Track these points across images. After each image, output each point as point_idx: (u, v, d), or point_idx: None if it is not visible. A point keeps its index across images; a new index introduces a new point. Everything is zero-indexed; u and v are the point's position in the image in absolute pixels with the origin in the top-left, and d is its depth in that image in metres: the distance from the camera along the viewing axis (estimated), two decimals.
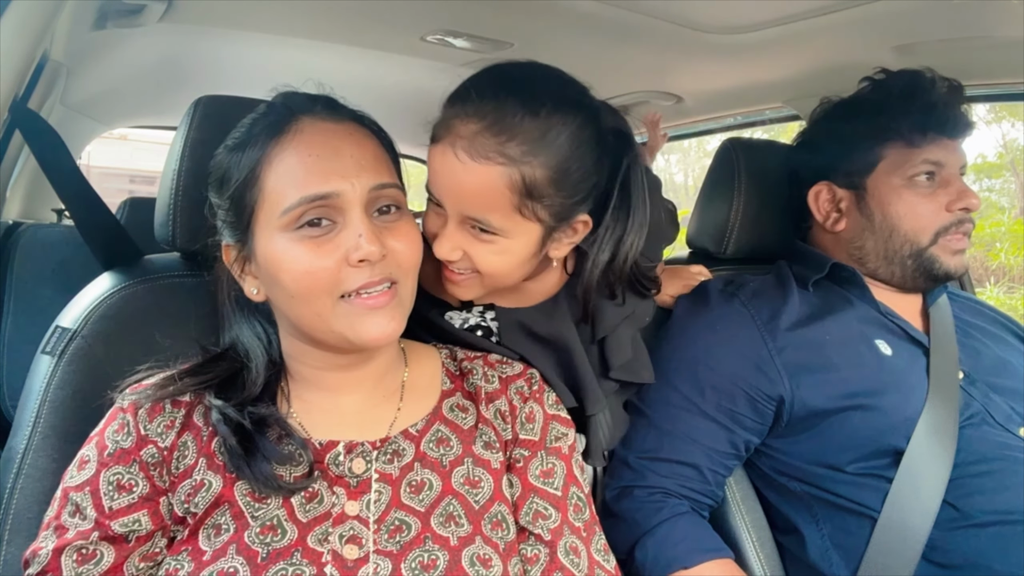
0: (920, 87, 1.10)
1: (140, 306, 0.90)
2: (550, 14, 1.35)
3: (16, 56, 0.88)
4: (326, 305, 0.70)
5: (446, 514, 0.73)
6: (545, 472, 0.80)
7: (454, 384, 0.84)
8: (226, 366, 0.78)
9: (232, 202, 0.73)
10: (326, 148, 0.71)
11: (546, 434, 0.82)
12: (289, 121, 0.73)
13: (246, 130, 0.75)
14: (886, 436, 0.99)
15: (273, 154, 0.71)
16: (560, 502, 0.79)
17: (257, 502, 0.70)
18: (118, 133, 2.73)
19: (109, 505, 0.69)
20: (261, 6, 1.42)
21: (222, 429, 0.71)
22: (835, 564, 1.00)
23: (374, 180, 0.72)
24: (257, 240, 0.73)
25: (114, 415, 0.73)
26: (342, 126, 0.74)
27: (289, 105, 0.75)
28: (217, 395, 0.74)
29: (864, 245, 1.13)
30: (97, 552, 0.68)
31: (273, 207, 0.70)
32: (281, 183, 0.70)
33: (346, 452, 0.74)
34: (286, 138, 0.72)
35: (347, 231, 0.70)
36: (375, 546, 0.69)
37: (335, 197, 0.70)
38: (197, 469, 0.71)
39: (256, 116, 0.76)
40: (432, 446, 0.77)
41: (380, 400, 0.80)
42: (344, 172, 0.70)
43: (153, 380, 0.76)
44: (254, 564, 0.66)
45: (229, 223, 0.75)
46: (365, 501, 0.72)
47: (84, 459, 0.72)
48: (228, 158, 0.74)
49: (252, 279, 0.76)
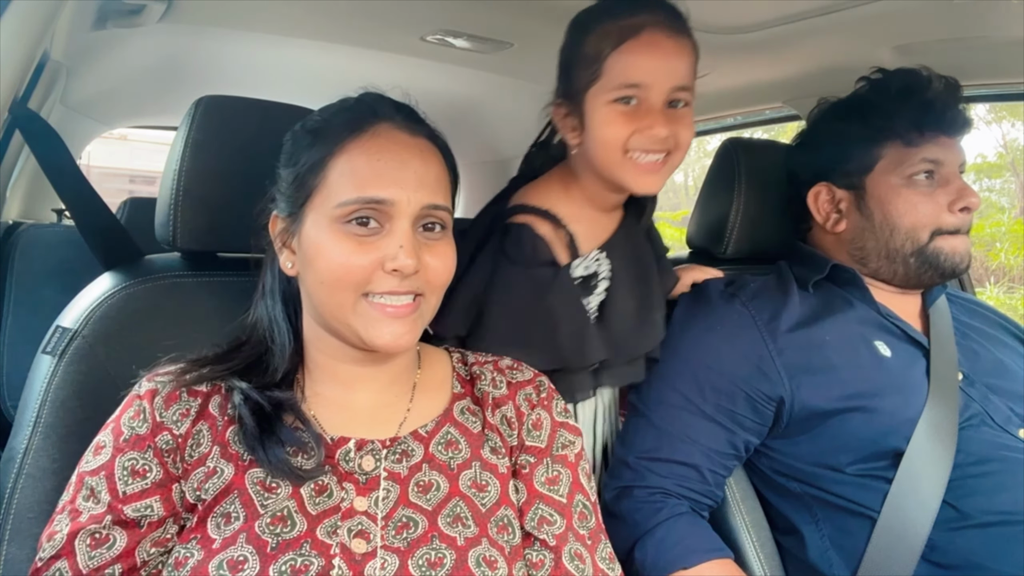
0: (916, 86, 1.10)
1: (140, 306, 0.90)
2: (550, 14, 1.35)
3: (16, 56, 0.88)
4: (349, 299, 0.73)
5: (453, 515, 0.74)
6: (551, 479, 0.81)
7: (464, 388, 0.85)
8: (249, 351, 0.80)
9: (295, 179, 0.76)
10: (395, 157, 0.74)
11: (553, 441, 0.83)
12: (370, 122, 0.76)
13: (327, 117, 0.78)
14: (886, 437, 0.99)
15: (346, 148, 0.75)
16: (565, 509, 0.79)
17: (267, 491, 0.71)
18: (118, 133, 2.74)
19: (123, 490, 0.70)
20: (261, 6, 1.43)
21: (243, 410, 0.73)
22: (835, 564, 1.00)
23: (429, 199, 0.74)
24: (306, 221, 0.76)
25: (131, 402, 0.75)
26: (415, 140, 0.77)
27: (374, 107, 0.78)
28: (240, 379, 0.76)
29: (865, 245, 1.13)
30: (110, 536, 0.69)
31: (330, 196, 0.73)
32: (344, 177, 0.74)
33: (356, 449, 0.75)
34: (363, 137, 0.75)
35: (390, 238, 0.73)
36: (382, 542, 0.70)
37: (389, 204, 0.72)
38: (211, 457, 0.72)
39: (339, 107, 0.79)
40: (441, 448, 0.78)
41: (392, 399, 0.81)
42: (404, 183, 0.73)
43: (178, 366, 0.77)
44: (263, 553, 0.67)
45: (286, 196, 0.78)
46: (373, 498, 0.73)
47: (100, 444, 0.73)
48: (303, 139, 0.78)
49: (290, 253, 0.79)
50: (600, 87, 0.94)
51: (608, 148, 0.95)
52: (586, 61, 0.95)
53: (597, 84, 0.94)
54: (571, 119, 0.99)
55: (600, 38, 0.94)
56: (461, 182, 3.26)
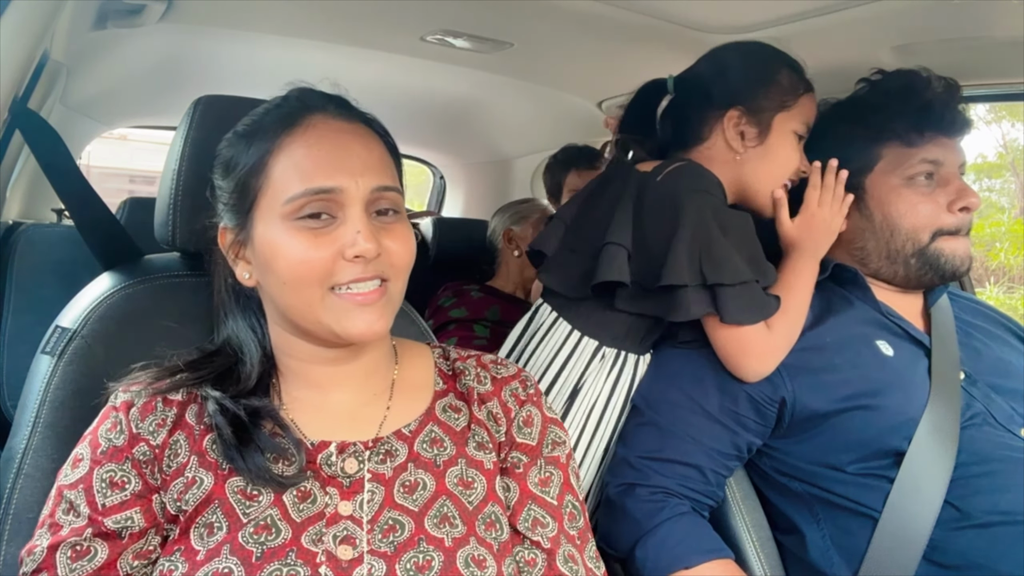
0: (916, 86, 1.10)
1: (140, 306, 0.90)
2: (550, 14, 1.35)
3: (16, 56, 0.88)
4: (316, 295, 0.72)
5: (440, 515, 0.73)
6: (543, 480, 0.81)
7: (447, 384, 0.84)
8: (221, 361, 0.79)
9: (237, 186, 0.75)
10: (335, 145, 0.73)
11: (544, 439, 0.83)
12: (302, 115, 0.75)
13: (258, 119, 0.76)
14: (888, 437, 0.99)
15: (283, 144, 0.73)
16: (556, 511, 0.79)
17: (248, 500, 0.70)
18: (118, 133, 2.74)
19: (102, 502, 0.69)
20: (261, 6, 1.43)
21: (218, 419, 0.71)
22: (836, 564, 1.00)
23: (377, 181, 0.73)
24: (256, 226, 0.74)
25: (107, 414, 0.74)
26: (352, 126, 0.76)
27: (304, 100, 0.77)
28: (213, 388, 0.75)
29: (865, 246, 1.13)
30: (91, 548, 0.68)
31: (277, 195, 0.72)
32: (288, 173, 0.72)
33: (338, 452, 0.74)
34: (297, 131, 0.74)
35: (345, 226, 0.71)
36: (369, 546, 0.69)
37: (338, 193, 0.71)
38: (189, 467, 0.71)
39: (269, 107, 0.77)
40: (426, 446, 0.78)
41: (370, 398, 0.80)
42: (350, 170, 0.72)
43: (148, 374, 0.76)
44: (248, 564, 0.66)
45: (231, 206, 0.76)
46: (358, 501, 0.72)
47: (78, 457, 0.72)
48: (237, 144, 0.76)
49: (245, 264, 0.77)
50: (788, 116, 1.11)
51: (783, 174, 1.12)
52: (780, 89, 1.11)
53: (786, 112, 1.11)
54: (749, 128, 1.11)
55: (798, 78, 1.12)
56: (461, 182, 3.29)
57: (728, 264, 0.99)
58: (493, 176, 2.64)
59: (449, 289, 2.02)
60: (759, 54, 1.14)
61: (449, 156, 2.81)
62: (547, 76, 1.82)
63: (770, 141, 1.11)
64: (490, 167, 2.63)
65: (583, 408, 1.10)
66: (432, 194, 3.01)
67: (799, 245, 1.10)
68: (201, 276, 0.93)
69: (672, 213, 1.03)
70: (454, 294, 1.99)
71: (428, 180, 3.02)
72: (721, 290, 1.00)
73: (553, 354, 1.12)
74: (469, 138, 2.51)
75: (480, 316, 1.91)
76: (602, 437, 1.11)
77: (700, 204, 1.03)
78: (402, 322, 1.04)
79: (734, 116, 1.11)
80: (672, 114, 1.20)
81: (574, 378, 1.10)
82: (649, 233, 1.06)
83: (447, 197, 2.94)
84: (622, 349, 1.11)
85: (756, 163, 1.12)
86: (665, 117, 1.21)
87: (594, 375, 1.10)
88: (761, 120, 1.10)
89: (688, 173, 1.09)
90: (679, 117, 1.19)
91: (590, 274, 1.08)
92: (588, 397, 1.10)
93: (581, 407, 1.10)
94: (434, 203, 3.00)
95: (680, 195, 1.04)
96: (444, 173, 2.91)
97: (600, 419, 1.10)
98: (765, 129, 1.11)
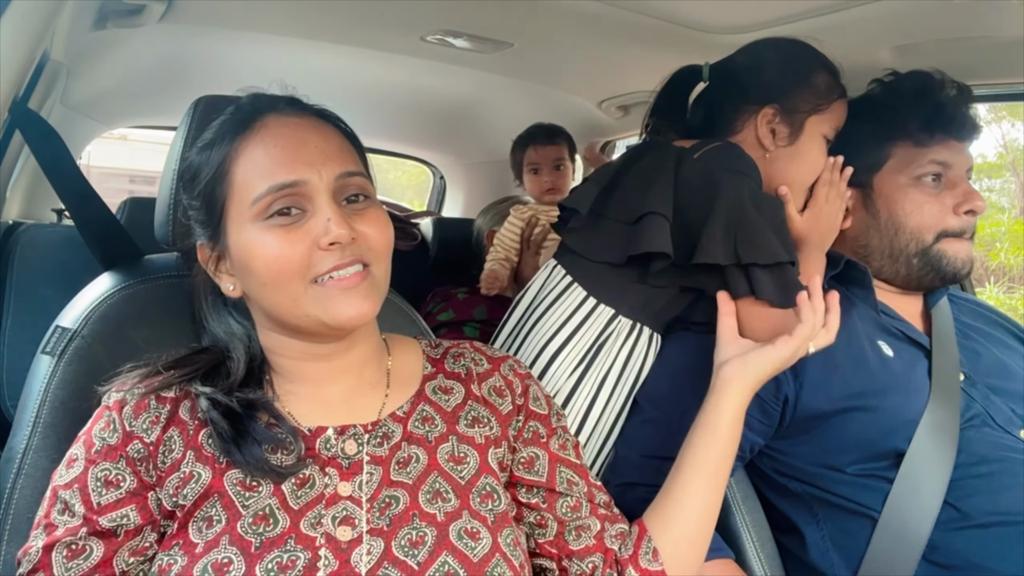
0: (930, 88, 1.11)
1: (140, 306, 0.90)
2: (550, 14, 1.35)
3: (16, 56, 0.88)
4: (298, 290, 0.72)
5: (433, 491, 0.74)
6: (561, 445, 0.86)
7: (435, 368, 0.86)
8: (209, 358, 0.79)
9: (203, 199, 0.76)
10: (291, 140, 0.74)
11: (551, 409, 0.88)
12: (255, 118, 0.76)
13: (215, 131, 0.77)
14: (887, 437, 0.99)
15: (240, 148, 0.74)
16: (580, 469, 0.86)
17: (248, 491, 0.70)
18: (118, 133, 2.73)
19: (97, 501, 0.69)
20: (261, 6, 1.43)
21: (212, 414, 0.72)
22: (835, 564, 1.00)
23: (340, 168, 0.74)
24: (229, 234, 0.75)
25: (100, 413, 0.74)
26: (306, 119, 0.77)
27: (255, 103, 0.78)
28: (203, 384, 0.75)
29: (869, 243, 1.14)
30: (86, 547, 0.68)
31: (243, 199, 0.73)
32: (250, 175, 0.73)
33: (337, 434, 0.75)
34: (252, 133, 0.74)
35: (316, 218, 0.72)
36: (368, 525, 0.70)
37: (302, 185, 0.72)
38: (185, 462, 0.72)
39: (224, 117, 0.78)
40: (418, 424, 0.79)
41: (367, 388, 0.81)
42: (310, 161, 0.73)
43: (137, 373, 0.77)
44: (248, 554, 0.66)
45: (201, 221, 0.77)
46: (357, 482, 0.73)
47: (72, 458, 0.72)
48: (198, 157, 0.77)
49: (227, 276, 0.78)
50: (821, 119, 1.12)
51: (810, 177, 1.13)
52: (816, 92, 1.11)
53: (819, 116, 1.11)
54: (781, 127, 1.11)
55: (835, 82, 1.13)
56: (461, 182, 3.28)
57: (765, 245, 0.97)
58: (493, 176, 2.63)
59: (437, 295, 2.04)
60: (799, 54, 1.14)
61: (449, 156, 2.80)
62: (547, 76, 1.82)
63: (800, 142, 1.11)
64: (490, 167, 2.63)
65: (597, 376, 1.08)
66: (432, 194, 3.01)
67: (807, 239, 1.10)
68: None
69: (710, 191, 1.02)
70: (441, 299, 2.01)
71: (428, 180, 3.02)
72: (755, 270, 0.98)
73: (566, 317, 1.10)
74: (469, 138, 2.50)
75: (468, 317, 1.92)
76: (613, 407, 1.09)
77: (738, 184, 1.02)
78: (402, 321, 1.04)
79: (768, 114, 1.11)
80: (705, 102, 1.20)
81: (585, 344, 1.08)
82: (683, 208, 1.04)
83: (447, 197, 2.94)
84: (638, 321, 1.09)
85: (784, 163, 1.12)
86: (697, 104, 1.21)
87: (610, 343, 1.08)
88: (794, 121, 1.11)
89: (728, 153, 1.07)
90: (712, 105, 1.19)
91: (620, 240, 1.06)
92: (602, 365, 1.08)
93: (594, 375, 1.08)
94: (434, 203, 2.99)
95: (718, 173, 1.03)
96: (444, 173, 2.91)
97: (613, 389, 1.08)
98: (797, 130, 1.11)
